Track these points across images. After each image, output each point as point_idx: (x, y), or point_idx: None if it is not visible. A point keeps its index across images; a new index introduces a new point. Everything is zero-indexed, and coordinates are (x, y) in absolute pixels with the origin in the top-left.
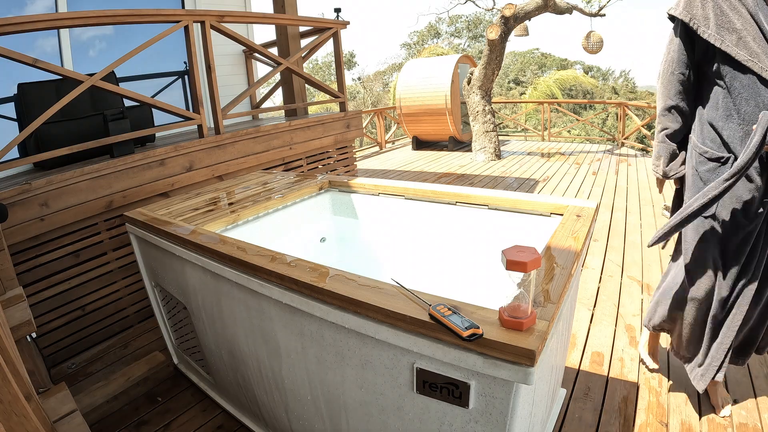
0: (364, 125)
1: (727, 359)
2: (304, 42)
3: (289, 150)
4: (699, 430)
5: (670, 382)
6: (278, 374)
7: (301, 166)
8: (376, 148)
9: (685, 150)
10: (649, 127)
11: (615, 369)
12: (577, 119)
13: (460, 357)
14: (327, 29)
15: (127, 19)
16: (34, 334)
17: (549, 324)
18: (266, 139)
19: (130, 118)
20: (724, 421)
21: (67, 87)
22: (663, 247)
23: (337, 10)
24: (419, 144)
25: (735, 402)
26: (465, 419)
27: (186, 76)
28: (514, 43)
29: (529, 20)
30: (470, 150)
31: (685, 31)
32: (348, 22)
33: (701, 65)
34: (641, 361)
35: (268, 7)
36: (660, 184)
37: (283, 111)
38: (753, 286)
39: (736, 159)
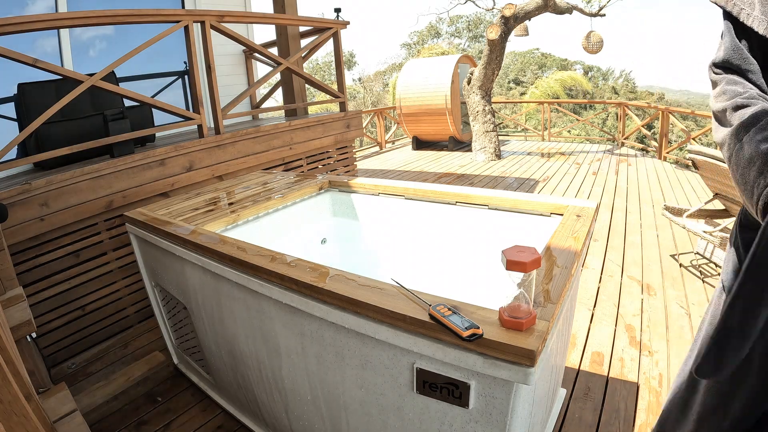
0: (364, 125)
1: None
2: (304, 42)
3: (289, 150)
4: None
5: (671, 382)
6: (278, 374)
7: (301, 166)
8: (376, 148)
9: None
10: (649, 127)
11: (615, 369)
12: (577, 119)
13: (460, 357)
14: (327, 29)
15: (127, 19)
16: (34, 334)
17: (549, 324)
18: (266, 139)
19: (130, 118)
20: None
21: (67, 87)
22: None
23: (337, 10)
24: (419, 144)
25: None
26: (465, 419)
27: (186, 76)
28: (514, 43)
29: (529, 20)
30: (470, 150)
31: (732, 24)
32: (348, 22)
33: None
34: None
35: (268, 7)
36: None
37: (283, 111)
38: None
39: None
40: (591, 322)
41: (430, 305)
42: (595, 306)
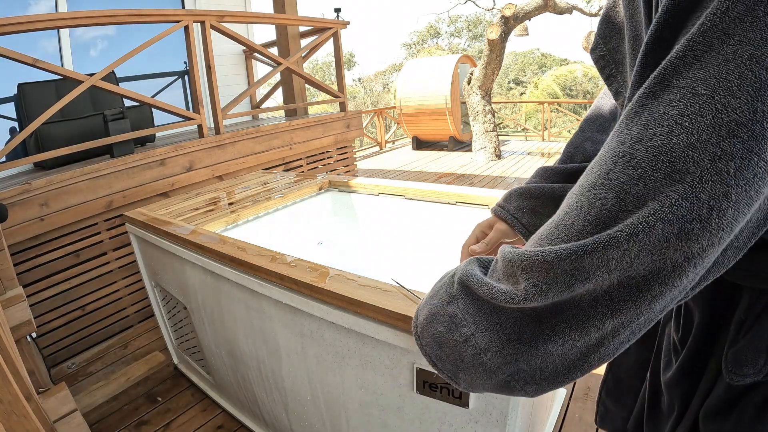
0: (364, 125)
1: None
2: (304, 42)
3: (289, 150)
4: None
5: None
6: (278, 374)
7: (301, 166)
8: (376, 148)
9: None
10: None
11: None
12: (577, 119)
13: None
14: (327, 29)
15: (127, 19)
16: (34, 334)
17: None
18: (266, 139)
19: (130, 118)
20: None
21: (67, 87)
22: None
23: (337, 10)
24: (419, 144)
25: None
26: (465, 419)
27: (186, 76)
28: (514, 43)
29: (529, 20)
30: (470, 150)
31: None
32: (348, 22)
33: None
34: None
35: (268, 7)
36: None
37: (283, 111)
38: None
39: None
40: None
41: None
42: None
